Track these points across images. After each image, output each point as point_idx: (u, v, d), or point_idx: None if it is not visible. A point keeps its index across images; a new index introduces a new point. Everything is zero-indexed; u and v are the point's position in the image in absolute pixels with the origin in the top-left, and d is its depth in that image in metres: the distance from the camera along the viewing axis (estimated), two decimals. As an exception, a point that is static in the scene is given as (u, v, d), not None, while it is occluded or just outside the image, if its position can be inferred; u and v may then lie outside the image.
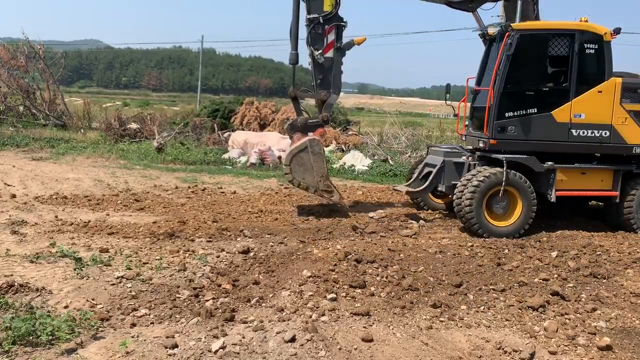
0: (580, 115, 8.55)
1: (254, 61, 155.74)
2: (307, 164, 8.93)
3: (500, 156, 8.44)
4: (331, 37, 9.09)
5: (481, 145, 8.82)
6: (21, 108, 23.64)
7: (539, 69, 8.84)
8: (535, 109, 8.52)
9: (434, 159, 9.90)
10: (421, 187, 9.72)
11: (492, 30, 9.12)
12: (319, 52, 9.06)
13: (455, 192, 8.50)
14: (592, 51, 8.51)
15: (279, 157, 16.45)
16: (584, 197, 9.24)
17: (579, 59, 8.47)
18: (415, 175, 10.23)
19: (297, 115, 9.56)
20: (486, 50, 9.59)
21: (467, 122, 9.86)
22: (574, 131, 8.58)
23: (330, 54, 9.15)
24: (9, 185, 10.88)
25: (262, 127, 20.33)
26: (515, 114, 8.52)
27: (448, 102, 10.40)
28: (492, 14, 10.09)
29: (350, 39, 9.37)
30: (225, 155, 17.07)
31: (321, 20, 8.98)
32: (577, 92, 8.52)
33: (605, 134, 8.64)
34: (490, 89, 8.52)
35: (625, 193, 8.84)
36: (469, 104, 9.97)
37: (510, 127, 8.53)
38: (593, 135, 8.62)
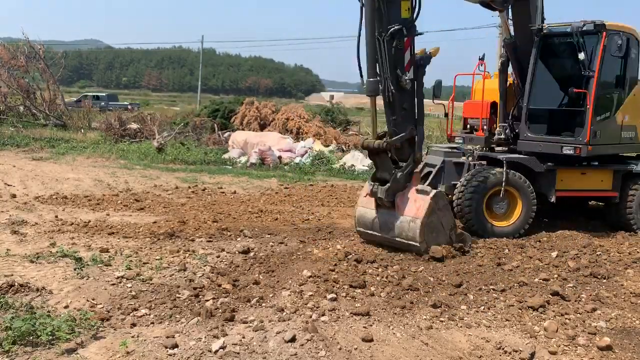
0: (626, 117, 8.71)
1: (254, 61, 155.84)
2: (437, 226, 7.03)
3: (500, 156, 8.44)
4: (409, 52, 7.14)
5: (569, 151, 8.28)
6: (21, 108, 23.68)
7: (617, 70, 8.74)
8: (609, 112, 8.50)
9: (434, 159, 9.88)
10: (421, 187, 9.69)
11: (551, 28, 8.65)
12: (404, 74, 7.01)
13: (455, 192, 8.49)
14: (635, 55, 8.63)
15: (279, 157, 16.48)
16: (584, 197, 9.25)
17: (631, 62, 8.59)
18: (415, 175, 10.20)
19: (385, 172, 7.17)
20: (541, 48, 8.81)
21: (502, 124, 9.14)
22: (623, 133, 8.71)
23: (411, 74, 7.15)
24: (9, 185, 10.88)
25: (262, 127, 20.34)
26: (601, 117, 8.39)
27: (437, 100, 10.10)
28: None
29: (427, 52, 7.38)
30: (226, 155, 17.09)
31: (405, 32, 6.92)
32: (627, 94, 8.65)
33: (634, 134, 8.89)
34: (593, 90, 8.11)
35: (625, 193, 8.85)
36: (493, 103, 9.39)
37: (598, 131, 8.31)
38: (630, 136, 8.83)
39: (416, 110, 7.35)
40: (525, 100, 8.80)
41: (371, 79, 7.08)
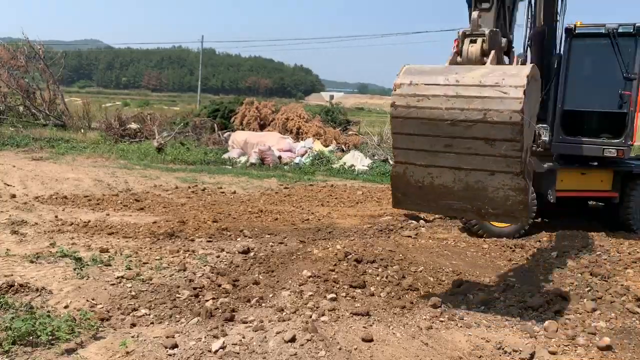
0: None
1: (254, 61, 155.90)
2: None
3: None
4: None
5: (612, 154, 8.24)
6: (21, 108, 23.62)
7: None
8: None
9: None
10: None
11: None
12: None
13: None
14: None
15: (279, 157, 16.47)
16: (584, 197, 9.25)
17: None
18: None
19: None
20: (572, 48, 8.57)
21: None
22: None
23: None
24: (9, 185, 10.86)
25: (262, 127, 20.33)
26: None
27: None
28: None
29: None
30: (225, 155, 17.08)
31: None
32: None
33: None
34: (639, 92, 8.07)
35: (624, 194, 8.84)
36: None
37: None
38: None
39: None
40: (560, 101, 8.63)
41: None
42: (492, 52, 4.93)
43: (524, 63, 8.61)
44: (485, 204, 4.61)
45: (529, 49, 8.96)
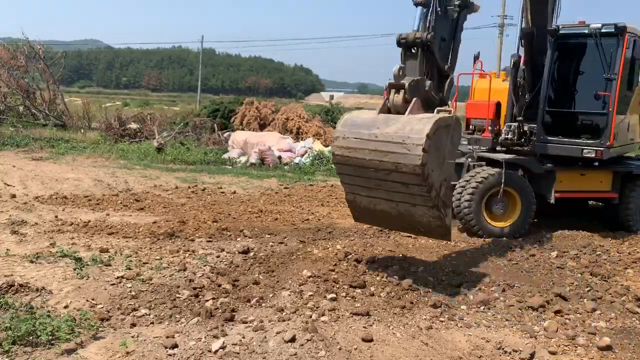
0: (631, 119, 8.99)
1: (254, 61, 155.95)
2: None
3: (499, 157, 8.43)
4: None
5: (591, 155, 8.18)
6: (21, 108, 23.61)
7: (630, 72, 8.64)
8: (623, 115, 8.47)
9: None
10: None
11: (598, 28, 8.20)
12: None
13: (454, 192, 8.49)
14: None
15: (279, 157, 16.47)
16: (583, 197, 9.26)
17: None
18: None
19: None
20: (557, 49, 8.65)
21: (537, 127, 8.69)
22: (628, 134, 8.89)
23: None
24: (9, 185, 10.86)
25: (262, 127, 20.32)
26: (620, 118, 8.32)
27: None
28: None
29: None
30: (225, 155, 17.07)
31: None
32: (633, 96, 8.78)
33: (635, 135, 9.28)
34: (617, 93, 8.06)
35: (624, 194, 8.85)
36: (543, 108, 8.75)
37: (616, 133, 8.24)
38: (632, 137, 9.11)
39: None
40: (542, 101, 8.61)
41: None
42: (414, 100, 5.68)
43: (517, 63, 8.76)
44: (416, 224, 5.72)
45: (522, 48, 8.99)
